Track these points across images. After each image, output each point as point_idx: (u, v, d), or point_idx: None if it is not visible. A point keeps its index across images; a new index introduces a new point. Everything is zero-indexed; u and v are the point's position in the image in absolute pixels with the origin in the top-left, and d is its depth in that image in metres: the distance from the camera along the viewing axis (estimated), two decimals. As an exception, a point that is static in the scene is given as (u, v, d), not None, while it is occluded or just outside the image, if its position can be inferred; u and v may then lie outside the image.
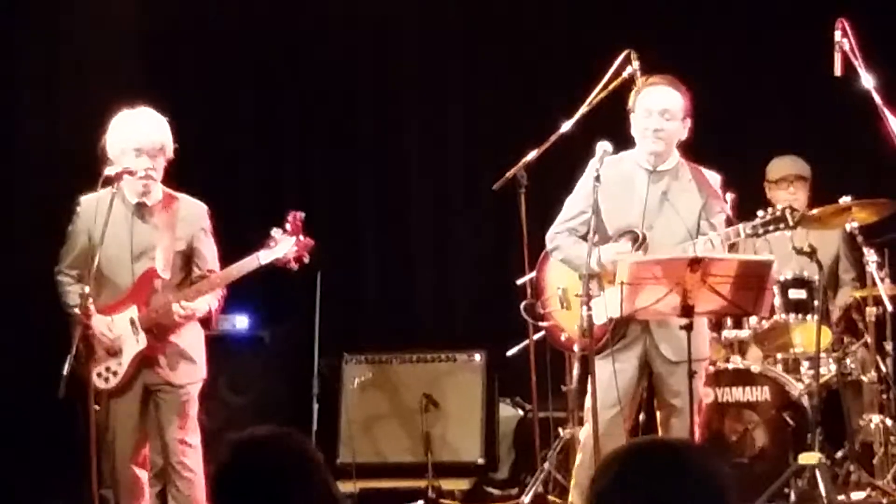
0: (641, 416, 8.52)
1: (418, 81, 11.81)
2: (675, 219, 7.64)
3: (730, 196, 7.92)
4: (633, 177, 7.66)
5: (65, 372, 7.42)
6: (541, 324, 8.24)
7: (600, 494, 3.05)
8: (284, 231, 7.79)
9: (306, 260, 7.86)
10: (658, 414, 8.01)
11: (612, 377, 7.49)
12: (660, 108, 7.66)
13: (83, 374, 7.55)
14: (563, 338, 8.04)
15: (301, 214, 7.82)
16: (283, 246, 7.75)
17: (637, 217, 7.56)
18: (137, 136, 7.67)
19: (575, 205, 7.83)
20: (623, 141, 7.77)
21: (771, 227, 7.52)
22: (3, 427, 10.48)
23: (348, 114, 11.88)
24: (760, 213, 7.54)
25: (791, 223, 7.53)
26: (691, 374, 7.44)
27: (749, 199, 8.46)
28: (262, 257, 7.74)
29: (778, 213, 7.49)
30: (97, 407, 7.64)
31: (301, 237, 7.79)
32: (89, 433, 7.63)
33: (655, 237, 7.59)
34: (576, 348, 8.03)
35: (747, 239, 9.56)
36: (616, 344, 7.52)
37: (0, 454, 10.61)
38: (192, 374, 7.85)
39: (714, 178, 7.84)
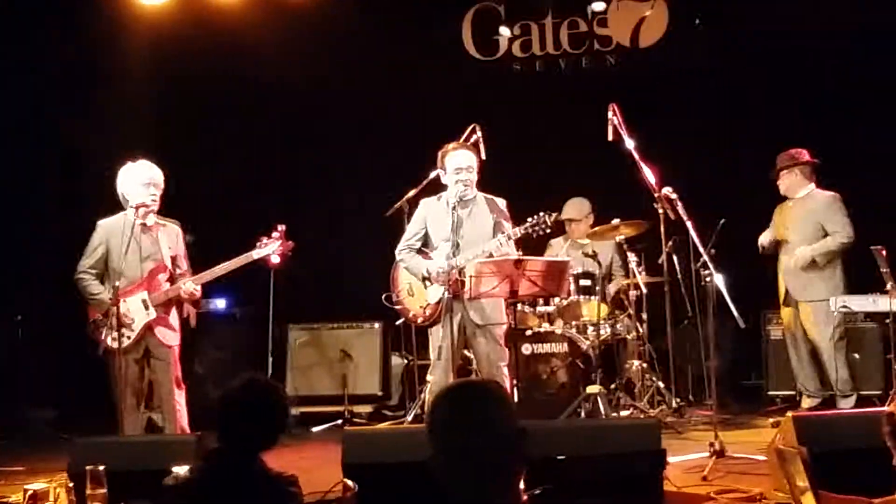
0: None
1: (347, 141, 11.77)
2: (477, 230, 7.87)
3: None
4: (448, 207, 7.83)
5: (101, 338, 7.53)
6: (396, 307, 8.42)
7: (435, 420, 3.12)
8: (270, 236, 7.97)
9: (288, 256, 8.14)
10: (475, 361, 8.29)
11: (446, 338, 7.67)
12: (465, 165, 7.90)
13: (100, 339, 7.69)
14: (410, 315, 8.26)
15: (283, 226, 8.01)
16: (270, 247, 7.98)
17: (452, 231, 7.72)
18: (149, 174, 7.88)
19: (412, 230, 8.14)
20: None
21: (537, 228, 7.70)
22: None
23: (294, 162, 11.89)
24: (529, 219, 7.70)
25: (549, 223, 7.71)
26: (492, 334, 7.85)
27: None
28: (255, 254, 7.95)
29: (539, 219, 7.67)
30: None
31: (283, 241, 8.02)
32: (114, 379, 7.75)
33: (465, 243, 7.77)
34: (420, 321, 8.17)
35: (557, 244, 9.75)
36: (445, 316, 7.66)
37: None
38: (176, 339, 7.97)
39: (501, 202, 8.05)
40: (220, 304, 10.49)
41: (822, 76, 10.66)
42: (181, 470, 4.79)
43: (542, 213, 7.67)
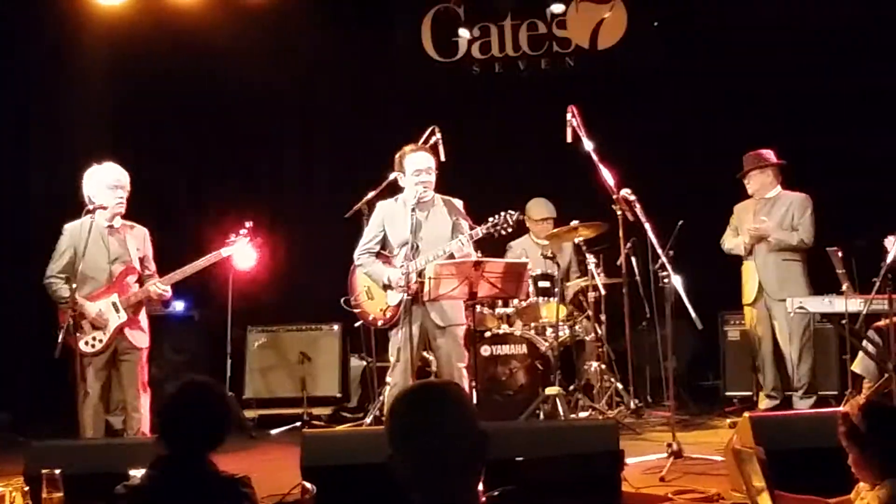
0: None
1: (306, 141, 11.73)
2: (436, 232, 7.83)
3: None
4: (406, 210, 7.82)
5: (59, 341, 7.44)
6: (355, 311, 8.36)
7: (394, 422, 3.09)
8: (238, 234, 7.96)
9: (258, 252, 8.07)
10: (435, 362, 8.21)
11: (406, 340, 7.65)
12: (425, 166, 7.85)
13: (71, 343, 7.56)
14: (370, 318, 8.19)
15: (250, 223, 8.00)
16: (240, 244, 7.93)
17: (410, 234, 7.71)
18: (115, 176, 7.83)
19: (370, 233, 8.07)
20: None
21: (499, 227, 7.67)
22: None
23: (254, 163, 11.84)
24: (491, 219, 7.67)
25: (511, 223, 7.67)
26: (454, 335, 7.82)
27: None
28: (224, 252, 7.95)
29: (501, 219, 7.65)
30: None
31: (252, 237, 8.02)
32: (76, 382, 7.69)
33: (424, 246, 7.74)
34: (379, 324, 8.13)
35: (517, 246, 9.76)
36: (405, 318, 7.66)
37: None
38: (146, 341, 7.93)
39: (458, 202, 8.02)
40: (178, 306, 10.45)
41: (779, 77, 10.72)
42: (138, 474, 4.77)
43: (503, 213, 7.67)
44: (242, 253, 8.08)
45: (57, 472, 5.08)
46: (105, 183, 7.84)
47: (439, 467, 2.99)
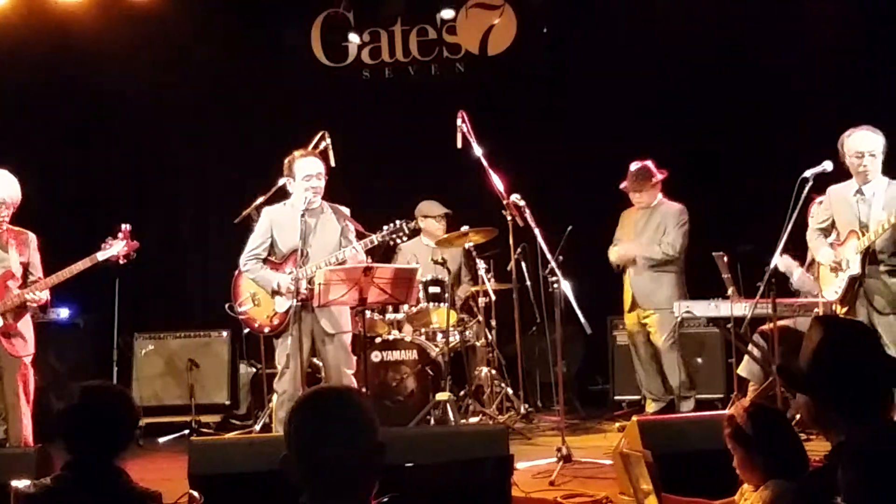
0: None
1: (195, 146, 11.61)
2: (324, 239, 7.80)
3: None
4: (294, 216, 7.76)
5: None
6: (240, 317, 8.28)
7: (294, 426, 3.06)
8: (115, 237, 7.81)
9: (133, 256, 7.93)
10: (323, 368, 8.12)
11: (294, 346, 7.61)
12: (315, 172, 7.80)
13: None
14: (256, 324, 8.12)
15: (128, 226, 7.86)
16: (115, 247, 7.83)
17: (298, 241, 7.66)
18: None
19: (257, 239, 7.97)
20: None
21: (394, 235, 7.73)
22: None
23: (142, 168, 11.68)
24: (385, 226, 7.69)
25: (406, 231, 7.74)
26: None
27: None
28: (100, 256, 7.81)
29: (397, 226, 7.69)
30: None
31: (128, 241, 7.86)
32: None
33: (313, 252, 7.70)
34: (266, 331, 8.08)
35: (406, 251, 9.75)
36: (295, 325, 7.61)
37: None
38: (28, 349, 7.76)
39: (345, 210, 8.00)
40: (63, 313, 10.24)
41: (667, 84, 10.88)
42: (20, 484, 4.67)
43: (399, 221, 7.69)
44: (119, 255, 7.96)
45: (-65, 483, 4.96)
46: None
47: (333, 473, 2.99)
